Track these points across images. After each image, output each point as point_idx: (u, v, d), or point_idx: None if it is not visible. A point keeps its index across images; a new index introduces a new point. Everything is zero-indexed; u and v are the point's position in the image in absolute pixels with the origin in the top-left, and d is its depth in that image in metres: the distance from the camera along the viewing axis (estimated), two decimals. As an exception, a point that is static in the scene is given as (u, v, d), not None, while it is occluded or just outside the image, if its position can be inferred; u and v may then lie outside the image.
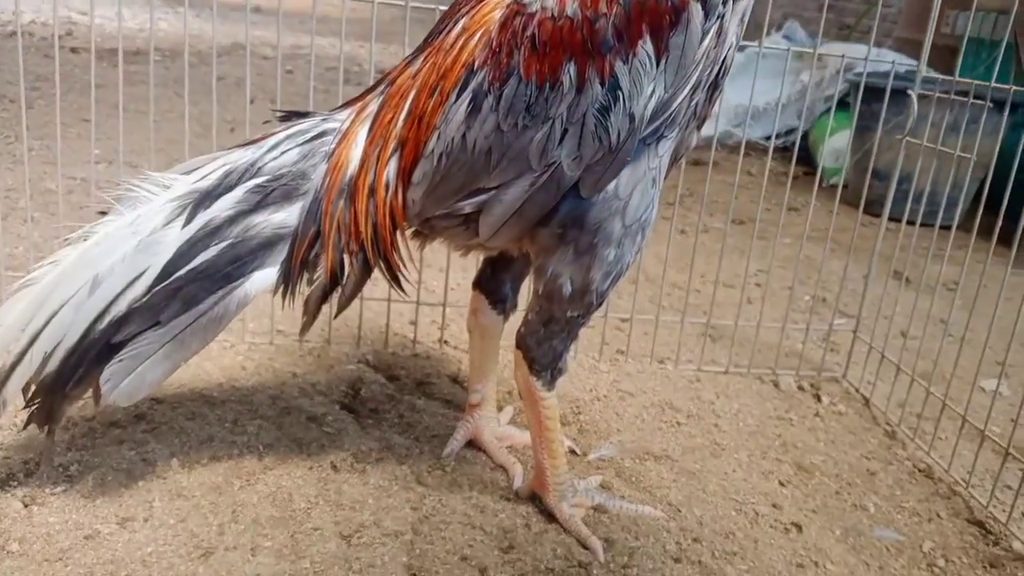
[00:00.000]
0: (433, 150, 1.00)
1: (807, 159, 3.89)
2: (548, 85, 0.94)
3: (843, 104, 3.80)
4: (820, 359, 1.81)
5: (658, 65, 0.93)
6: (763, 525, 1.24)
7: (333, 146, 1.06)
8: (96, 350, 0.99)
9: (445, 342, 1.67)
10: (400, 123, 1.03)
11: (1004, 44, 3.40)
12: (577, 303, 1.03)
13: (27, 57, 4.17)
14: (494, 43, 0.96)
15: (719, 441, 1.45)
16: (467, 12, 1.02)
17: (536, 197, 0.99)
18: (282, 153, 1.05)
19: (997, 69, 3.32)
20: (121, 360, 0.99)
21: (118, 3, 1.51)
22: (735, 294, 2.19)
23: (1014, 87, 1.72)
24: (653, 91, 0.94)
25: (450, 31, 1.02)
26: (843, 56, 1.93)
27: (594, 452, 1.34)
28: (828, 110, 3.85)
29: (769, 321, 1.91)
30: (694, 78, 0.95)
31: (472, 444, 1.32)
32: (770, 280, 2.31)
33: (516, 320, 1.19)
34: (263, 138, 1.08)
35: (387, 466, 1.24)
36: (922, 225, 1.79)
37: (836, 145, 3.62)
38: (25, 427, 1.08)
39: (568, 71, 0.93)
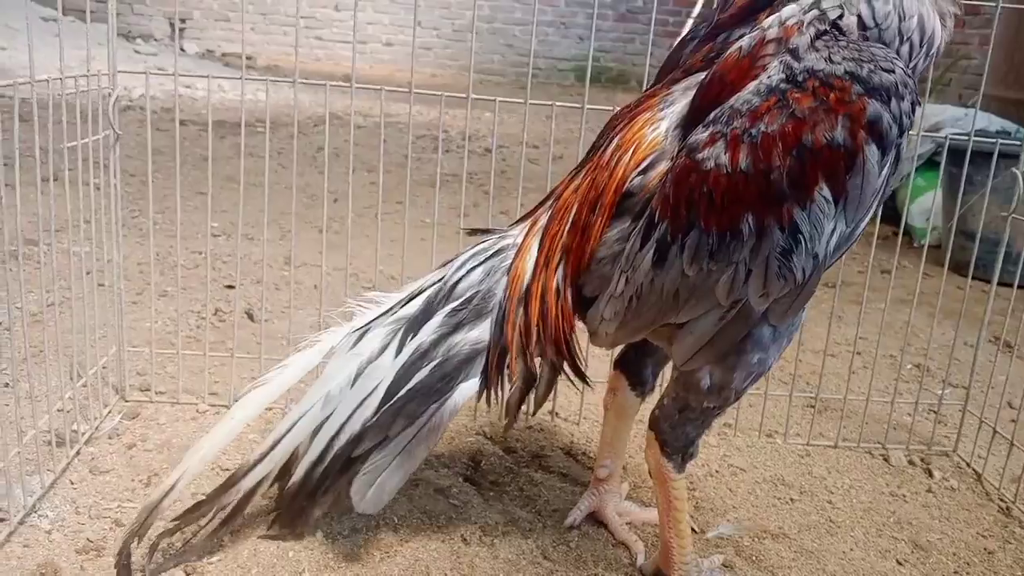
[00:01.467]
0: (623, 293, 1.07)
1: (894, 219, 3.86)
2: (728, 235, 0.97)
3: (930, 164, 3.77)
4: (928, 432, 1.80)
5: (837, 206, 0.95)
6: (885, 606, 1.25)
7: (510, 260, 1.16)
8: (340, 464, 1.15)
9: (556, 414, 1.74)
10: (564, 234, 1.13)
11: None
12: (715, 397, 1.09)
13: (140, 131, 4.48)
14: (671, 198, 1.00)
15: (833, 519, 1.47)
16: (620, 130, 1.10)
17: (727, 329, 1.04)
18: (468, 272, 1.17)
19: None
20: (365, 474, 1.15)
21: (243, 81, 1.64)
22: (837, 363, 2.20)
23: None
24: (835, 229, 0.96)
25: (606, 149, 1.11)
26: (946, 137, 1.94)
27: (712, 530, 1.37)
28: (915, 170, 3.83)
29: (874, 391, 1.92)
30: (873, 206, 0.97)
31: (593, 517, 1.37)
32: (869, 348, 2.32)
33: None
34: (451, 261, 1.22)
35: (513, 539, 1.30)
36: (1020, 287, 1.77)
37: (926, 205, 3.60)
38: (269, 528, 1.25)
39: (747, 221, 0.96)
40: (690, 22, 9.25)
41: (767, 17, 1.01)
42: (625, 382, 1.32)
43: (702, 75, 1.04)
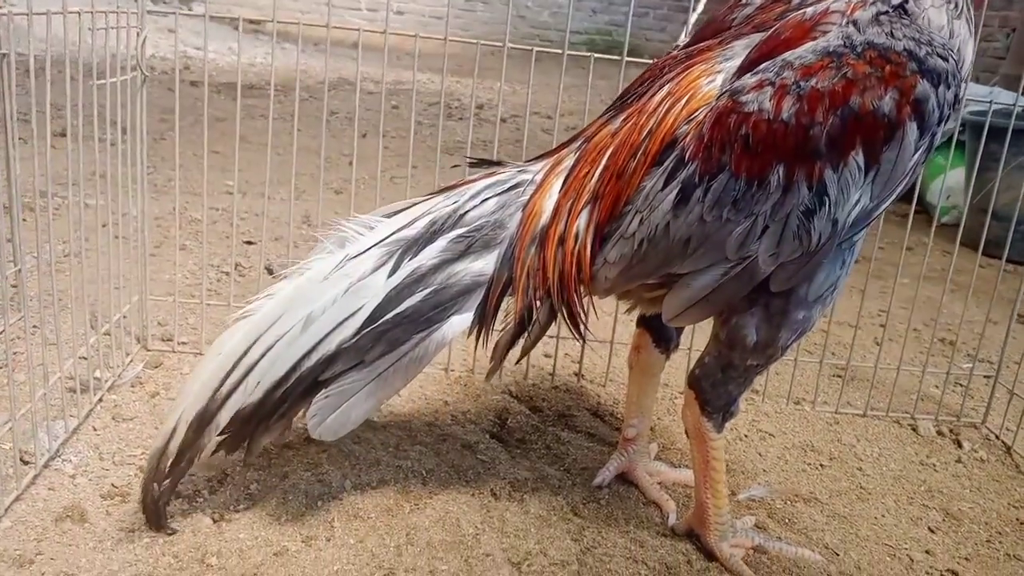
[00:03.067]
0: (635, 234, 1.04)
1: (918, 197, 3.82)
2: (756, 183, 0.97)
3: (950, 143, 3.72)
4: (957, 404, 1.78)
5: (867, 176, 0.96)
6: (919, 571, 1.24)
7: (528, 196, 1.11)
8: (304, 386, 1.06)
9: (582, 376, 1.71)
10: (596, 177, 1.08)
11: None
12: (760, 354, 1.06)
13: (151, 91, 4.44)
14: (706, 137, 0.99)
15: (864, 485, 1.45)
16: (672, 77, 1.07)
17: (726, 286, 1.02)
18: (482, 202, 1.11)
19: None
20: (327, 396, 1.06)
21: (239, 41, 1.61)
22: (863, 336, 2.17)
23: None
24: (859, 200, 0.97)
25: (653, 95, 1.07)
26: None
27: (744, 492, 1.35)
28: (939, 148, 3.79)
29: (902, 362, 1.89)
30: (900, 188, 0.98)
31: (623, 478, 1.35)
32: (895, 322, 2.29)
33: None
34: (461, 184, 1.14)
35: (543, 496, 1.28)
36: None
37: (949, 183, 3.55)
38: (213, 453, 1.12)
39: (777, 172, 0.96)
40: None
41: None
42: (649, 339, 1.29)
43: (761, 35, 1.03)
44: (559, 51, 1.59)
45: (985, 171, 3.09)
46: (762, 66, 0.99)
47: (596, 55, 1.63)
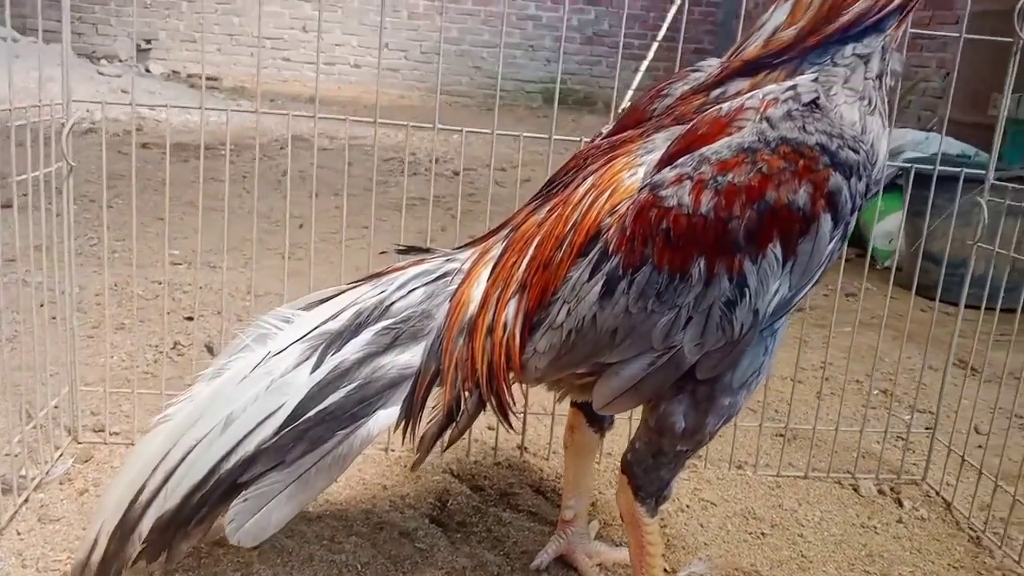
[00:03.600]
0: (563, 325, 1.04)
1: (858, 241, 3.90)
2: (679, 275, 0.98)
3: (892, 187, 3.82)
4: (898, 460, 1.80)
5: (785, 267, 0.97)
6: (859, 645, 1.24)
7: (455, 285, 1.11)
8: (221, 489, 1.03)
9: (525, 448, 1.70)
10: (523, 267, 1.09)
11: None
12: (689, 440, 1.07)
13: (100, 153, 4.41)
14: (629, 231, 1.00)
15: (805, 553, 1.45)
16: (596, 169, 1.08)
17: (654, 375, 1.03)
18: (409, 292, 1.11)
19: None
20: (246, 499, 1.02)
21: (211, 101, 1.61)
22: (805, 390, 2.20)
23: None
24: (778, 290, 0.98)
25: (577, 186, 1.08)
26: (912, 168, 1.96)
27: (683, 570, 1.35)
28: (877, 193, 3.89)
29: (842, 419, 1.92)
30: (818, 276, 1.00)
31: (563, 560, 1.34)
32: (837, 373, 2.32)
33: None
34: (389, 272, 1.14)
35: (481, 584, 1.26)
36: (987, 309, 1.79)
37: (887, 227, 3.64)
38: (132, 564, 1.05)
39: (699, 265, 0.97)
40: (654, 46, 9.36)
41: (763, 75, 1.04)
42: (583, 419, 1.29)
43: (681, 127, 1.05)
44: (487, 131, 1.60)
45: (918, 216, 3.19)
46: (680, 160, 1.01)
47: (525, 134, 1.65)
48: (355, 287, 1.14)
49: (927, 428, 1.90)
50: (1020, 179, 3.18)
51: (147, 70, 8.49)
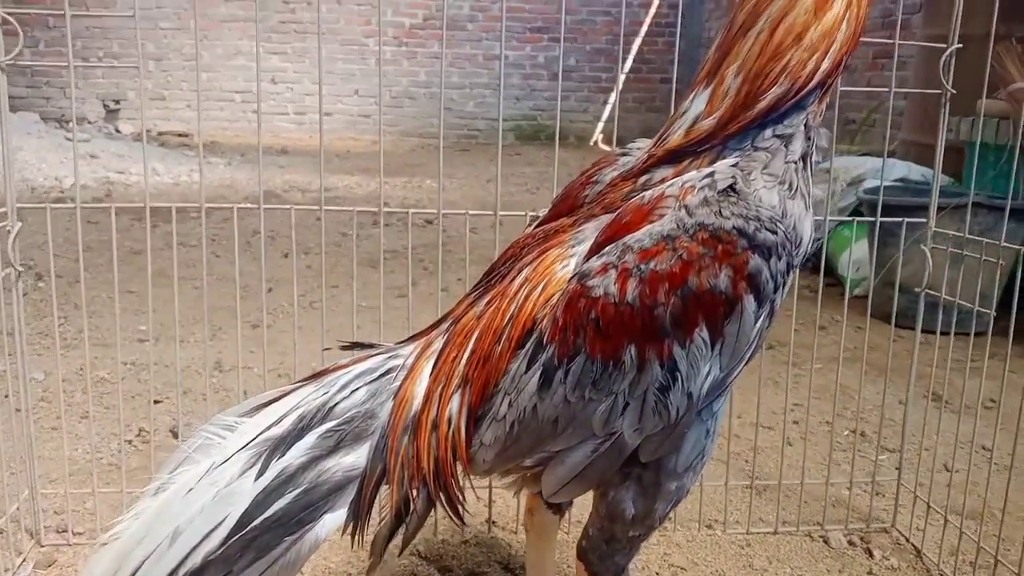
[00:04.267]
0: (505, 417, 1.05)
1: (829, 270, 3.94)
2: (612, 363, 0.99)
3: (856, 213, 3.87)
4: (867, 507, 1.81)
5: (713, 349, 0.99)
6: None
7: (398, 383, 1.11)
8: None
9: (493, 522, 1.70)
10: (464, 361, 1.09)
11: (1008, 149, 3.48)
12: (640, 525, 1.08)
13: (69, 224, 4.40)
14: (560, 321, 1.02)
15: (776, 615, 1.45)
16: (530, 261, 1.09)
17: (597, 462, 1.04)
18: (351, 392, 1.10)
19: (1008, 175, 3.39)
20: None
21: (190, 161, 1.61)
22: (775, 437, 2.21)
23: None
24: (709, 372, 1.00)
25: (513, 279, 1.10)
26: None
27: (652, 643, 1.34)
28: (841, 221, 3.93)
29: (811, 464, 1.93)
30: (748, 355, 1.01)
31: (531, 641, 1.33)
32: (808, 417, 2.33)
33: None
34: (330, 372, 1.14)
35: (449, 674, 1.25)
36: (957, 335, 1.79)
37: (856, 256, 3.67)
38: None
39: (630, 352, 0.99)
40: (622, 78, 9.48)
41: (687, 162, 1.06)
42: (541, 502, 1.29)
43: (609, 216, 1.07)
44: (490, 214, 1.62)
45: (885, 246, 3.23)
46: (606, 249, 1.03)
47: (502, 213, 1.67)
48: (297, 389, 1.14)
49: (897, 468, 1.92)
50: (977, 204, 3.24)
51: (117, 130, 8.50)
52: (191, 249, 4.03)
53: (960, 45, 1.60)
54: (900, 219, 1.79)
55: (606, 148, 9.40)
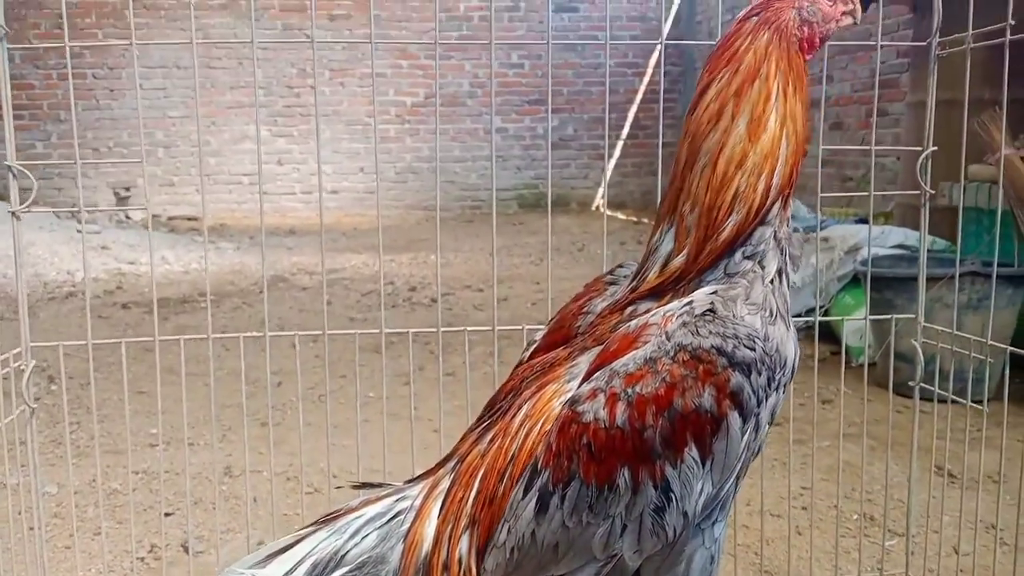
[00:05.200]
0: (505, 543, 1.08)
1: (832, 337, 3.96)
2: (606, 487, 1.02)
3: (856, 281, 3.91)
4: (878, 598, 1.80)
5: (704, 467, 1.01)
6: None
7: (407, 525, 1.15)
8: None
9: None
10: (470, 502, 1.13)
11: (1000, 214, 3.52)
12: None
13: (81, 319, 4.48)
14: (554, 447, 1.05)
15: None
16: (529, 397, 1.13)
17: None
18: (363, 539, 1.14)
19: (998, 240, 3.43)
20: None
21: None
22: (783, 525, 2.21)
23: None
24: (702, 489, 1.02)
25: (514, 415, 1.14)
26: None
27: None
28: (843, 289, 3.97)
29: (820, 554, 1.92)
30: (738, 469, 1.04)
31: None
32: (815, 501, 2.34)
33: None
34: (341, 515, 1.17)
35: None
36: (954, 403, 1.81)
37: (856, 324, 3.69)
38: None
39: (623, 475, 1.01)
40: (620, 144, 9.66)
41: (667, 296, 1.10)
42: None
43: (600, 347, 1.11)
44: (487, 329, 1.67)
45: (883, 315, 3.26)
46: (595, 375, 1.07)
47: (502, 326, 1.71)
48: (310, 535, 1.18)
49: (904, 555, 1.91)
50: (974, 273, 3.27)
51: (127, 217, 8.68)
52: (201, 343, 4.09)
53: (935, 148, 1.66)
54: (889, 316, 1.82)
55: (608, 213, 9.53)
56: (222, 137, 9.20)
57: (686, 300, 1.08)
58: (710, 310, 1.08)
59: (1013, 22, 1.46)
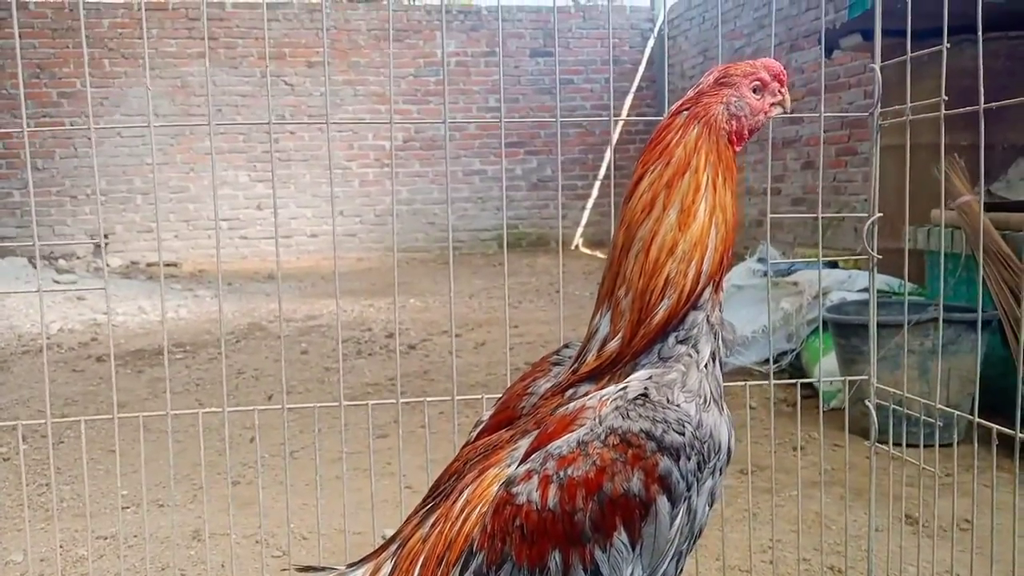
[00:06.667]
0: None
1: (807, 382, 3.99)
2: (538, 569, 1.03)
3: (827, 324, 3.95)
4: (844, 656, 1.81)
5: (634, 550, 1.03)
6: None
7: None
8: None
9: None
10: None
11: (964, 257, 3.59)
12: None
13: (55, 373, 4.44)
14: (489, 528, 1.06)
15: None
16: (471, 482, 1.15)
17: None
18: None
19: (963, 284, 3.48)
20: None
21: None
22: (751, 580, 2.21)
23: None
24: (632, 573, 1.04)
25: (456, 500, 1.15)
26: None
27: None
28: (815, 331, 4.01)
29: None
30: (671, 554, 1.05)
31: None
32: (784, 553, 2.35)
33: None
34: None
35: None
36: (928, 447, 1.83)
37: (827, 368, 3.73)
38: None
39: (555, 558, 1.03)
40: (597, 184, 9.77)
41: (605, 379, 1.12)
42: None
43: (539, 431, 1.13)
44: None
45: (853, 363, 3.30)
46: (531, 457, 1.09)
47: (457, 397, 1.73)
48: None
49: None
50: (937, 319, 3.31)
51: (107, 265, 8.65)
52: (176, 397, 4.07)
53: (880, 214, 1.71)
54: (845, 377, 1.85)
55: (587, 252, 9.60)
56: (201, 183, 9.23)
57: (622, 384, 1.11)
58: (643, 394, 1.10)
59: (946, 98, 1.52)
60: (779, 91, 1.13)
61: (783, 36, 7.49)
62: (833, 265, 4.63)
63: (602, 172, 9.62)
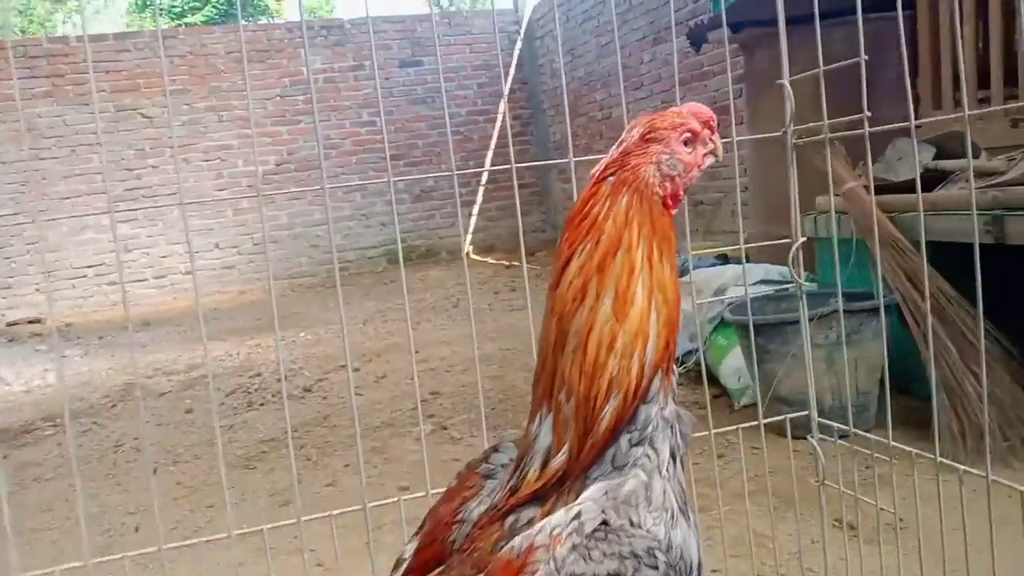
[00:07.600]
0: None
1: (713, 379, 3.96)
2: None
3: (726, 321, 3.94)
4: None
5: None
6: None
7: None
8: None
9: None
10: None
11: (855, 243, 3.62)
12: None
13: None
14: None
15: None
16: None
17: None
18: None
19: (855, 269, 3.51)
20: None
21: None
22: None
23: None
24: None
25: None
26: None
27: None
28: (715, 330, 3.98)
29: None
30: None
31: None
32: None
33: None
34: None
35: None
36: (841, 438, 1.84)
37: (734, 364, 3.70)
38: None
39: None
40: (481, 191, 9.64)
41: (551, 501, 0.96)
42: None
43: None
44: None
45: (764, 362, 3.27)
46: None
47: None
48: None
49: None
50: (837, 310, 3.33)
51: (-41, 330, 7.88)
52: (46, 484, 3.64)
53: (805, 238, 1.66)
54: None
55: (478, 258, 9.44)
56: (60, 230, 8.54)
57: (574, 510, 0.94)
58: (603, 522, 0.94)
59: (870, 114, 1.46)
60: (710, 139, 0.99)
61: (646, 30, 7.56)
62: (724, 259, 4.65)
63: (484, 177, 9.49)
